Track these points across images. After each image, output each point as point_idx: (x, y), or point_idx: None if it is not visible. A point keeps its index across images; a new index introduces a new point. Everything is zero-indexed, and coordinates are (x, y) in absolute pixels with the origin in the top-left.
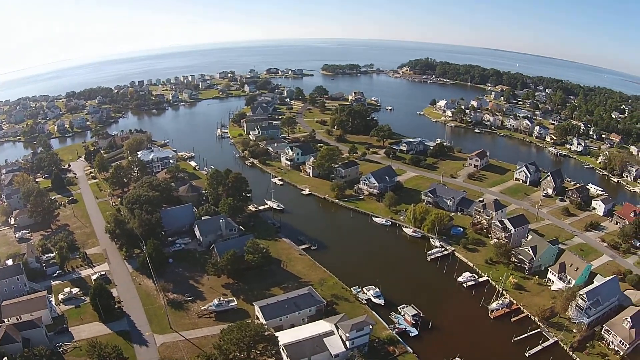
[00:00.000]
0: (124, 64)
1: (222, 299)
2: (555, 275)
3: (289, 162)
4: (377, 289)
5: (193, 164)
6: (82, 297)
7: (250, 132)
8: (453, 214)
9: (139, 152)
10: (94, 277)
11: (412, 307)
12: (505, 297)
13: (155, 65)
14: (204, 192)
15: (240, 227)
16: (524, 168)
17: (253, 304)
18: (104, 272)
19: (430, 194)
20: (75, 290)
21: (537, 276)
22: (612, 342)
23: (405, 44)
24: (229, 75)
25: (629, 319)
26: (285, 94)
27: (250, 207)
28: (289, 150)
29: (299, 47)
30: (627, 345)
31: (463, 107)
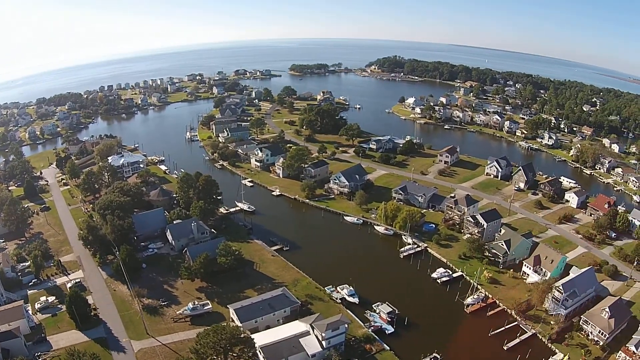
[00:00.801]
0: (93, 68)
1: (196, 302)
2: (530, 269)
3: (258, 164)
4: (351, 288)
5: (163, 167)
6: (59, 306)
7: (220, 135)
8: (424, 210)
9: (109, 158)
10: (69, 285)
11: (387, 304)
12: (481, 292)
13: (125, 70)
14: (174, 195)
15: (212, 229)
16: (495, 163)
17: (228, 306)
18: (78, 280)
19: (401, 192)
20: (51, 298)
21: (511, 270)
22: (592, 333)
23: (373, 43)
24: (198, 77)
25: (607, 309)
26: (254, 95)
27: (221, 210)
28: (259, 151)
29: (267, 47)
30: (607, 335)
31: (432, 104)
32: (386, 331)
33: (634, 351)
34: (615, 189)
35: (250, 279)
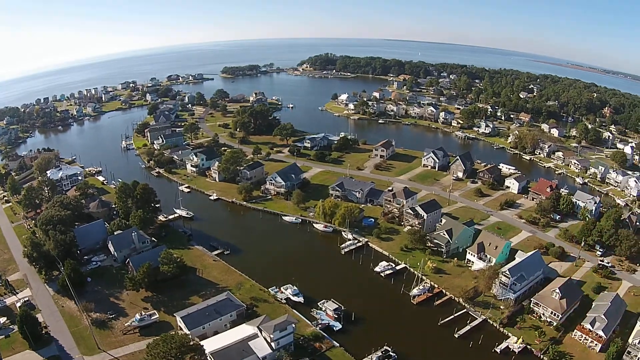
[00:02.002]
0: (28, 81)
1: (143, 313)
2: (474, 256)
3: (194, 169)
4: (295, 287)
5: (101, 178)
6: (11, 327)
7: (155, 142)
8: (363, 205)
9: (48, 172)
10: (18, 305)
11: (332, 301)
12: (426, 282)
13: (60, 81)
14: (114, 206)
15: (153, 238)
16: (432, 154)
17: (174, 315)
18: (27, 298)
19: (337, 188)
20: (2, 319)
21: (455, 258)
22: (544, 314)
23: (304, 41)
24: (131, 85)
25: (558, 290)
26: (187, 100)
27: (161, 218)
28: (194, 156)
29: (197, 51)
30: (560, 315)
31: (365, 99)
32: (334, 328)
33: (589, 329)
34: (556, 172)
35: (194, 285)
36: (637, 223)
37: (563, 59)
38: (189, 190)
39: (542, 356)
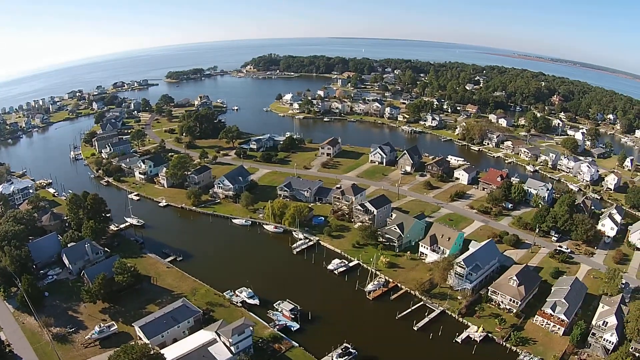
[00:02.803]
0: None
1: (102, 325)
2: (427, 248)
3: (142, 176)
4: (250, 290)
5: (52, 190)
6: None
7: (102, 151)
8: (312, 204)
9: (0, 186)
10: None
11: (288, 301)
12: (380, 277)
13: (9, 93)
14: (65, 218)
15: (106, 248)
16: (379, 149)
17: (133, 324)
18: None
19: (285, 188)
20: None
21: (408, 252)
22: (502, 302)
23: (247, 43)
24: (77, 94)
25: (515, 277)
26: (133, 107)
27: (112, 227)
28: (141, 163)
29: (146, 57)
30: (519, 302)
31: (310, 98)
32: (292, 328)
33: (551, 313)
34: (506, 161)
35: (149, 294)
36: (592, 207)
37: (510, 49)
38: (138, 198)
39: (504, 343)
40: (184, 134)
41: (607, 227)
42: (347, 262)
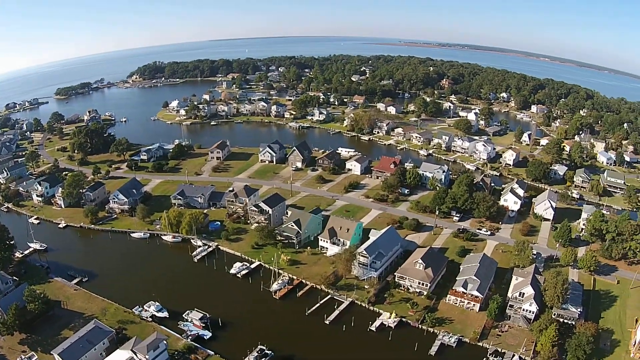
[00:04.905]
0: None
1: (23, 357)
2: (327, 242)
3: (40, 198)
4: (157, 303)
5: None
6: None
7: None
8: (207, 210)
9: None
10: None
11: (197, 310)
12: (284, 276)
13: None
14: None
15: (14, 277)
16: (268, 148)
17: (51, 353)
18: None
19: (179, 197)
20: None
21: (308, 247)
22: (411, 286)
23: (132, 52)
24: None
25: (421, 260)
26: (25, 128)
27: (17, 254)
28: (38, 185)
29: (31, 75)
30: (428, 284)
31: (196, 103)
32: (204, 337)
33: (463, 291)
34: (398, 148)
35: (62, 319)
36: (492, 184)
37: (396, 38)
38: (38, 221)
39: (420, 326)
40: (76, 151)
41: (510, 202)
42: (248, 265)
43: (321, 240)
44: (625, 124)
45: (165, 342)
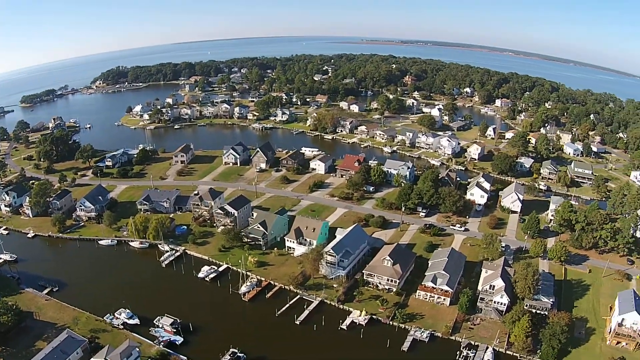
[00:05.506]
0: None
1: None
2: (294, 242)
3: (8, 209)
4: (128, 310)
5: None
6: None
7: None
8: (173, 214)
9: None
10: None
11: (167, 316)
12: (252, 278)
13: None
14: None
15: None
16: (232, 150)
17: None
18: None
19: (145, 202)
20: None
21: (275, 248)
22: (380, 283)
23: (96, 57)
24: None
25: (388, 257)
26: None
27: None
28: (5, 195)
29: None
30: (397, 280)
31: (159, 107)
32: (176, 342)
33: (432, 286)
34: (362, 146)
35: (35, 330)
36: (458, 179)
37: (358, 36)
38: (7, 232)
39: (391, 322)
40: (42, 160)
41: (477, 196)
42: (216, 268)
43: (288, 240)
44: (591, 115)
45: (137, 349)
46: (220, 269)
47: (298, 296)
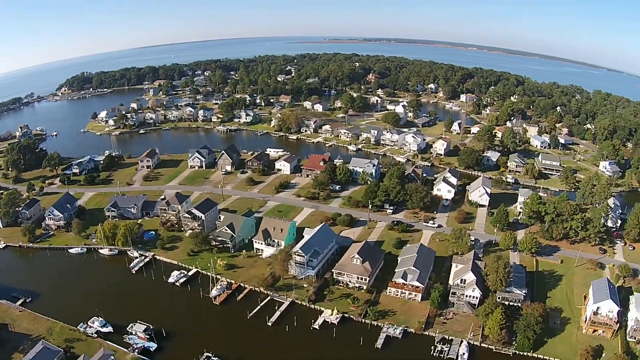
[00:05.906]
0: None
1: None
2: (262, 244)
3: None
4: (101, 318)
5: None
6: None
7: None
8: (141, 220)
9: None
10: None
11: (140, 322)
12: (222, 281)
13: None
14: None
15: None
16: (197, 154)
17: None
18: None
19: (112, 208)
20: None
21: (244, 250)
22: (350, 281)
23: (62, 64)
24: None
25: (357, 255)
26: None
27: None
28: None
29: None
30: (367, 278)
31: (124, 112)
32: (150, 349)
33: (403, 282)
34: (327, 145)
35: (10, 342)
36: (424, 175)
37: (320, 35)
38: None
39: (363, 320)
40: (9, 169)
41: (444, 191)
42: (186, 272)
43: (256, 242)
44: (558, 107)
45: (112, 357)
46: (190, 273)
47: (269, 297)
